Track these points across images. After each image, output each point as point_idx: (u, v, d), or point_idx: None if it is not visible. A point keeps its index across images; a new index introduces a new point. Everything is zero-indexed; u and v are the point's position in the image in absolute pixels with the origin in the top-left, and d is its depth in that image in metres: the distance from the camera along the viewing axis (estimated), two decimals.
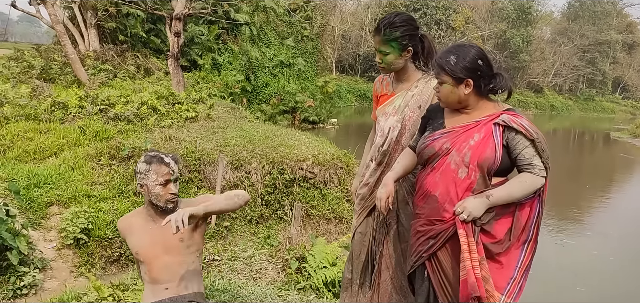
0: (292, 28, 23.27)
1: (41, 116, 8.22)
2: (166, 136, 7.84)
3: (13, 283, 4.56)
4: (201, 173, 7.00)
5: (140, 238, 2.62)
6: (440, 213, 2.38)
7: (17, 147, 7.00)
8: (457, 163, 2.34)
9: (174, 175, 2.57)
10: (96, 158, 6.82)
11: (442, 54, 2.39)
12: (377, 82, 3.13)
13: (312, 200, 7.37)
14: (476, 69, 2.33)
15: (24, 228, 4.87)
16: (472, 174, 2.31)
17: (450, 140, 2.37)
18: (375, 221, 3.02)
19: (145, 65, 15.83)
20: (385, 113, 2.96)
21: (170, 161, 2.58)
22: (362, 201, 3.07)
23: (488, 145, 2.29)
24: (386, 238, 2.97)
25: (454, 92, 2.37)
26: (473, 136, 2.33)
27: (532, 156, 2.29)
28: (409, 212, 2.85)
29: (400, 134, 2.88)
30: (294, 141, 8.42)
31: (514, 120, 2.28)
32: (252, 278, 4.92)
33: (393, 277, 2.94)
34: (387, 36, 2.75)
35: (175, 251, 2.61)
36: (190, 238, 2.65)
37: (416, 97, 2.86)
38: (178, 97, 10.81)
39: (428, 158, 2.45)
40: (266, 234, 6.68)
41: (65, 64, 13.38)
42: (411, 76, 2.92)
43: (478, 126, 2.34)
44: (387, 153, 2.91)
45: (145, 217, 2.64)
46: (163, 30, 16.50)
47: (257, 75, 20.60)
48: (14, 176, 5.98)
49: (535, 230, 2.39)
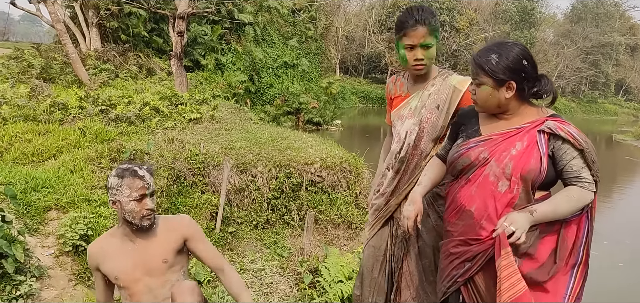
0: (296, 28, 23.07)
1: (40, 117, 7.98)
2: (169, 138, 7.61)
3: (8, 293, 4.31)
4: (206, 177, 6.76)
5: (118, 262, 2.37)
6: (476, 230, 2.12)
7: (15, 149, 6.76)
8: (496, 175, 2.08)
9: (150, 189, 2.33)
10: (96, 160, 6.58)
11: (482, 52, 2.12)
12: (390, 84, 2.86)
13: (320, 204, 7.13)
14: (520, 70, 2.06)
15: (21, 235, 4.63)
16: (514, 188, 2.05)
17: (488, 149, 2.12)
18: (394, 236, 2.77)
19: (147, 65, 15.63)
20: (401, 116, 2.71)
21: (144, 173, 2.34)
22: (377, 212, 2.82)
23: (532, 155, 2.03)
24: (406, 255, 2.72)
25: (494, 95, 2.10)
26: (515, 145, 2.07)
27: (581, 168, 2.04)
28: (430, 225, 2.63)
29: (418, 138, 2.62)
30: (300, 144, 8.19)
31: (561, 127, 2.03)
32: (262, 293, 4.66)
33: (415, 296, 2.70)
34: (433, 26, 2.48)
35: (158, 272, 2.37)
36: (174, 259, 2.41)
37: (434, 96, 2.60)
38: (181, 98, 10.59)
39: (462, 169, 2.20)
40: (273, 240, 6.45)
41: (65, 63, 13.17)
42: (429, 73, 2.66)
43: (520, 134, 2.08)
44: (405, 159, 2.66)
45: (121, 238, 2.40)
46: (165, 30, 16.32)
47: (260, 76, 20.39)
48: (11, 179, 5.74)
49: (585, 251, 2.12)
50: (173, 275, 2.41)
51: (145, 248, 2.34)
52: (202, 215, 6.22)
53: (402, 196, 2.71)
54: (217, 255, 2.56)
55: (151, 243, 2.37)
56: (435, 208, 2.64)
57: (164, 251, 2.37)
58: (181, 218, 2.53)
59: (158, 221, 2.42)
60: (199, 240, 2.47)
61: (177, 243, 2.40)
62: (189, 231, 2.45)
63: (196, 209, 6.27)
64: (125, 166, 2.32)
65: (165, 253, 2.36)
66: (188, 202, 6.32)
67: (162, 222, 2.44)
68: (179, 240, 2.41)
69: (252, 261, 5.58)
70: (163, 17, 16.36)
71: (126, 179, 2.27)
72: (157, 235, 2.39)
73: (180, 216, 2.57)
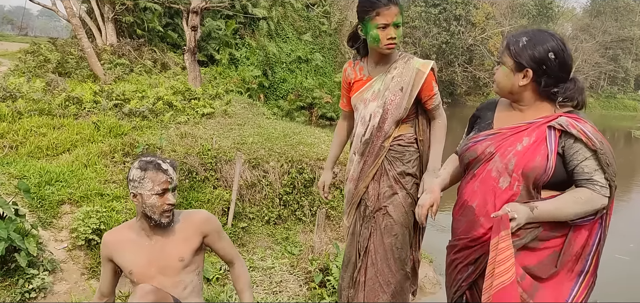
0: (310, 23, 22.99)
1: (55, 111, 8.05)
2: (182, 133, 7.62)
3: (21, 286, 4.35)
4: (218, 172, 6.77)
5: (134, 256, 2.33)
6: (475, 228, 2.06)
7: (30, 143, 6.82)
8: (499, 171, 2.00)
9: (173, 183, 2.28)
10: (110, 155, 6.62)
11: (516, 33, 2.06)
12: (348, 68, 2.86)
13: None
14: (542, 63, 1.96)
15: (34, 228, 4.67)
16: (514, 185, 1.97)
17: (495, 144, 2.04)
18: (361, 216, 2.78)
19: (162, 60, 15.70)
20: (364, 100, 2.72)
21: (168, 167, 2.28)
22: (349, 198, 2.84)
23: (538, 152, 1.93)
24: (373, 233, 2.72)
25: (509, 78, 2.03)
26: (521, 140, 1.98)
27: (594, 170, 1.91)
28: (398, 202, 2.65)
29: (382, 120, 2.64)
30: (313, 139, 8.16)
31: (573, 125, 1.91)
32: (272, 292, 4.62)
33: (379, 273, 2.69)
34: (400, 5, 2.52)
35: (173, 272, 2.34)
36: (191, 258, 2.37)
37: (397, 79, 2.62)
38: (194, 92, 10.61)
39: (468, 163, 2.14)
40: (284, 235, 6.44)
41: (81, 58, 13.27)
42: (389, 57, 2.67)
43: (529, 129, 1.98)
44: (370, 141, 2.68)
45: (138, 232, 2.35)
46: (180, 25, 16.35)
47: (274, 70, 20.36)
48: (25, 173, 5.79)
49: (594, 261, 2.01)
50: (188, 276, 2.37)
51: (162, 246, 2.30)
52: (214, 211, 6.22)
53: (369, 178, 2.71)
54: (232, 248, 2.56)
55: (169, 240, 2.33)
56: (402, 185, 2.67)
57: (181, 250, 2.32)
58: (200, 215, 2.48)
59: (177, 217, 2.38)
60: (218, 235, 2.45)
61: (195, 241, 2.36)
62: (208, 227, 2.41)
63: (208, 204, 6.28)
64: (149, 158, 2.28)
65: (182, 251, 2.32)
66: (200, 197, 6.33)
67: (181, 217, 2.39)
68: (198, 237, 2.37)
69: (261, 258, 5.56)
70: (178, 12, 16.40)
71: (149, 172, 2.22)
72: (175, 232, 2.34)
73: (198, 212, 2.52)
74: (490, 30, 41.25)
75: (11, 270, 4.41)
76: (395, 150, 2.67)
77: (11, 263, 4.41)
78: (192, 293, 2.40)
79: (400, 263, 2.71)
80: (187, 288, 2.37)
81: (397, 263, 2.70)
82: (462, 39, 39.54)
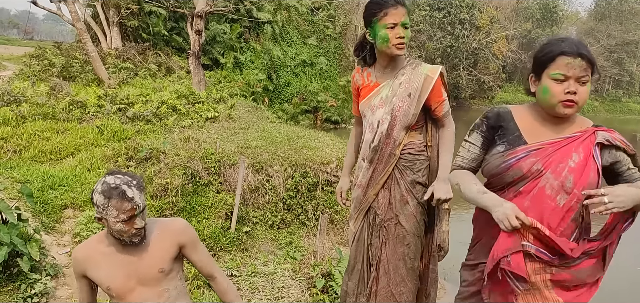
0: (315, 27, 23.00)
1: (59, 115, 8.06)
2: (185, 137, 7.62)
3: (24, 291, 4.33)
4: (221, 176, 6.75)
5: (110, 272, 2.18)
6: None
7: (33, 147, 6.83)
8: (554, 189, 1.92)
9: (139, 209, 2.10)
10: (113, 159, 6.62)
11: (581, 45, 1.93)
12: (356, 75, 2.83)
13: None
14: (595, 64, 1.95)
15: (36, 233, 4.65)
16: (573, 201, 1.91)
17: (541, 160, 1.95)
18: (371, 225, 2.73)
19: (166, 63, 15.72)
20: (372, 106, 2.68)
21: (134, 193, 2.08)
22: (357, 204, 2.78)
23: (590, 168, 1.90)
24: (384, 243, 2.69)
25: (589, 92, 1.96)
26: (570, 156, 1.92)
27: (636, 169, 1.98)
28: (410, 212, 2.61)
29: (390, 126, 2.60)
30: (317, 143, 8.14)
31: (615, 137, 1.95)
32: (273, 297, 4.59)
33: (391, 283, 2.68)
34: (408, 8, 2.49)
35: (154, 282, 2.22)
36: (170, 266, 2.26)
37: (405, 85, 2.57)
38: (198, 96, 10.61)
39: (511, 181, 2.02)
40: (288, 240, 6.41)
41: (86, 62, 13.30)
42: (397, 63, 2.64)
43: (574, 144, 1.93)
44: (379, 148, 2.64)
45: (111, 245, 2.21)
46: (185, 29, 16.37)
47: (279, 74, 20.37)
48: (28, 177, 5.80)
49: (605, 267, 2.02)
50: (170, 282, 2.27)
51: (138, 259, 2.17)
52: (217, 215, 6.20)
53: (378, 185, 2.68)
54: (211, 262, 2.42)
55: (145, 253, 2.20)
56: (413, 194, 2.63)
57: (159, 261, 2.21)
58: (176, 224, 2.34)
59: (153, 227, 2.25)
60: (194, 246, 2.33)
61: (172, 251, 2.24)
62: (184, 238, 2.29)
63: (211, 208, 6.26)
64: (113, 182, 2.07)
65: (160, 262, 2.20)
66: (203, 201, 6.30)
67: (156, 227, 2.26)
68: (174, 247, 2.25)
69: (263, 264, 5.53)
70: (183, 16, 16.43)
71: (113, 201, 2.04)
72: (150, 243, 2.22)
73: (175, 220, 2.39)
74: (495, 34, 41.15)
75: (14, 274, 4.39)
76: (406, 159, 2.64)
77: (14, 268, 4.40)
78: (178, 296, 2.31)
79: (413, 272, 2.70)
80: (171, 294, 2.28)
81: (410, 273, 2.69)
82: (466, 43, 39.43)
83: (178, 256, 2.30)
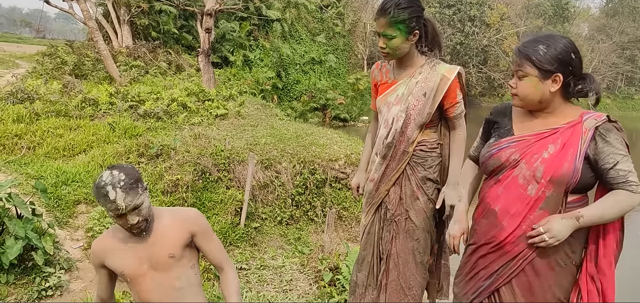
0: (324, 24, 23.03)
1: (71, 113, 8.18)
2: (195, 134, 7.70)
3: (38, 285, 4.42)
4: (230, 172, 6.83)
5: (123, 257, 2.30)
6: (496, 231, 2.08)
7: (47, 143, 6.95)
8: (526, 178, 2.00)
9: (128, 208, 2.13)
10: (125, 155, 6.72)
11: (528, 42, 2.02)
12: (375, 70, 2.89)
13: (344, 201, 7.12)
14: (568, 63, 1.96)
15: (50, 227, 4.75)
16: (540, 190, 1.98)
17: (519, 151, 2.04)
18: (382, 219, 2.81)
19: (176, 61, 15.84)
20: (388, 103, 2.73)
21: (116, 195, 2.10)
22: (369, 199, 2.86)
23: (565, 158, 1.94)
24: (395, 237, 2.76)
25: (538, 88, 1.99)
26: (547, 147, 1.98)
27: (628, 171, 1.92)
28: (420, 207, 2.69)
29: (405, 124, 2.66)
30: (325, 140, 8.19)
31: (604, 126, 1.94)
32: (282, 290, 4.66)
33: (401, 276, 2.75)
34: (395, 18, 2.49)
35: (165, 267, 2.30)
36: (181, 252, 2.33)
37: (421, 84, 2.62)
38: (208, 94, 10.71)
39: (493, 170, 2.14)
40: (296, 236, 6.47)
41: (97, 60, 13.45)
42: (415, 62, 2.68)
43: (554, 135, 1.99)
44: (392, 145, 2.70)
45: (124, 234, 2.30)
46: (195, 27, 16.48)
47: (288, 72, 20.44)
48: (42, 173, 5.90)
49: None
50: (181, 269, 2.34)
51: (150, 245, 2.26)
52: (227, 211, 6.28)
53: (391, 182, 2.74)
54: (222, 253, 2.48)
55: (156, 238, 2.29)
56: (424, 190, 2.70)
57: (170, 246, 2.29)
58: (188, 212, 2.43)
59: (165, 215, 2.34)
60: (206, 236, 2.40)
61: (183, 238, 2.32)
62: (196, 227, 2.36)
63: (221, 204, 6.34)
64: (100, 183, 2.11)
65: (171, 247, 2.28)
66: (213, 197, 6.39)
67: (168, 215, 2.35)
68: (186, 234, 2.33)
69: (272, 257, 5.60)
70: (192, 15, 16.54)
71: (100, 200, 2.13)
72: (162, 229, 2.30)
73: (187, 209, 2.49)
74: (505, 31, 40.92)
75: (28, 268, 4.49)
76: (418, 155, 2.70)
77: (28, 262, 4.49)
78: (190, 286, 2.38)
79: (422, 266, 2.77)
80: (182, 281, 2.35)
81: (419, 266, 2.75)
82: (476, 40, 39.28)
83: (190, 245, 2.36)
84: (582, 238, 2.02)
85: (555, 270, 2.03)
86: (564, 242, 1.95)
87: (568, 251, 2.01)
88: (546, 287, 2.04)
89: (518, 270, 2.05)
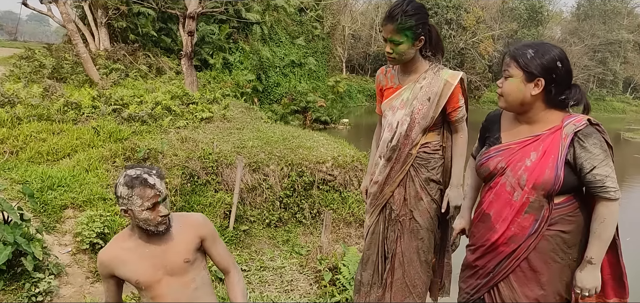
0: (303, 27, 23.09)
1: (54, 117, 8.04)
2: (182, 137, 7.65)
3: (28, 290, 4.35)
4: (219, 175, 6.81)
5: (138, 266, 2.27)
6: (489, 233, 2.21)
7: (30, 148, 6.81)
8: (512, 185, 2.12)
9: (162, 195, 2.19)
10: (111, 159, 6.64)
11: (519, 46, 2.12)
12: (381, 75, 2.97)
13: (332, 203, 7.16)
14: (552, 71, 2.04)
15: (39, 233, 4.67)
16: (524, 196, 2.09)
17: (505, 159, 2.15)
18: (387, 219, 2.89)
19: (156, 64, 15.69)
20: (393, 107, 2.82)
21: (155, 181, 2.18)
22: (373, 200, 2.92)
23: (547, 165, 2.02)
24: (400, 237, 2.85)
25: (520, 90, 2.07)
26: (529, 155, 2.08)
27: (606, 176, 1.98)
28: (423, 208, 2.77)
29: (409, 128, 2.74)
30: (312, 143, 8.22)
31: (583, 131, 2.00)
32: (283, 291, 4.70)
33: (406, 275, 2.84)
34: (402, 24, 2.57)
35: (181, 271, 2.32)
36: (195, 256, 2.36)
37: (425, 89, 2.71)
38: (192, 97, 10.64)
39: (485, 177, 2.27)
40: (285, 238, 6.49)
41: (76, 63, 13.23)
42: (419, 67, 2.77)
43: (536, 142, 2.08)
44: (397, 148, 2.78)
45: (136, 241, 2.30)
46: (174, 30, 16.36)
47: (268, 74, 20.43)
48: (27, 178, 5.80)
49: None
50: (196, 271, 2.36)
51: (164, 251, 2.26)
52: (216, 213, 6.26)
53: (395, 184, 2.81)
54: (228, 256, 2.51)
55: (169, 244, 2.29)
56: (427, 191, 2.78)
57: (184, 251, 2.30)
58: (196, 217, 2.45)
59: (172, 220, 2.34)
60: (214, 240, 2.43)
61: (194, 242, 2.35)
62: (205, 231, 2.39)
63: (210, 207, 6.32)
64: (133, 173, 2.17)
65: (185, 252, 2.30)
66: (202, 201, 6.36)
67: (177, 220, 2.36)
68: (196, 238, 2.35)
69: (271, 258, 5.61)
70: (171, 17, 16.42)
71: (136, 189, 2.14)
72: (173, 235, 2.31)
73: (194, 214, 2.50)
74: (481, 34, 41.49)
75: (18, 274, 4.41)
76: (421, 157, 2.77)
77: (18, 267, 4.42)
78: (204, 286, 2.40)
79: (426, 265, 2.85)
80: (197, 283, 2.36)
81: (424, 265, 2.83)
82: (453, 43, 39.76)
83: (200, 248, 2.38)
84: (577, 235, 2.10)
85: (552, 266, 2.11)
86: (558, 239, 2.07)
87: (564, 247, 2.10)
88: (544, 281, 2.12)
89: (513, 267, 2.15)
